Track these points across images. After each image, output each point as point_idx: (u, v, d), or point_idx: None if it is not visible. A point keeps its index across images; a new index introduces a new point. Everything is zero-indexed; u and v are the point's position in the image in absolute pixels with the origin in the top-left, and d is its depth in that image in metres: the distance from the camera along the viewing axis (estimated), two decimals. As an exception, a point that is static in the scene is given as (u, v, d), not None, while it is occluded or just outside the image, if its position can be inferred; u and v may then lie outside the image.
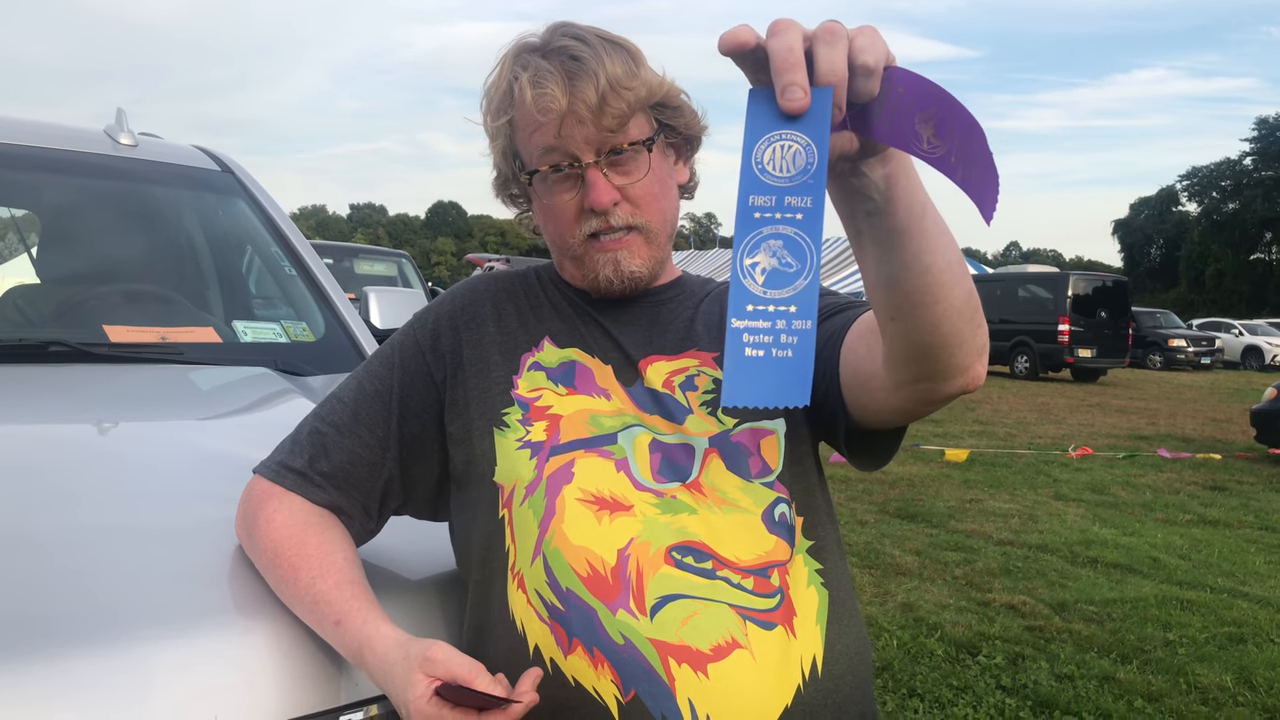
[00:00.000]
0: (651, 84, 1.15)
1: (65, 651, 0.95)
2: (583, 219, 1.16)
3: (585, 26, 1.16)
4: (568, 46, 1.12)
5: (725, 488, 1.12)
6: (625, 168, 1.15)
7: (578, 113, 1.10)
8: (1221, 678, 3.77)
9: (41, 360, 1.97)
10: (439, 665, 0.95)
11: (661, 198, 1.19)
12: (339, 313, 2.44)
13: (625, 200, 1.16)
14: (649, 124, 1.17)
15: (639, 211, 1.17)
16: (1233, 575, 5.32)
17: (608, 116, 1.11)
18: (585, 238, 1.17)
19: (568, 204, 1.17)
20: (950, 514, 6.51)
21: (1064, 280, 20.79)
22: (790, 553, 1.11)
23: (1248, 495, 7.75)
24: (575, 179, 1.15)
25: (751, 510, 1.11)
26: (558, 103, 1.09)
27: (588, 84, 1.10)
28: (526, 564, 1.09)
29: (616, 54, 1.13)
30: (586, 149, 1.13)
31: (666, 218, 1.21)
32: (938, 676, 3.69)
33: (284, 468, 1.19)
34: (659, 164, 1.19)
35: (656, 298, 1.25)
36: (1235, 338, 30.02)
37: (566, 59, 1.11)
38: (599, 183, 1.14)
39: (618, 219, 1.16)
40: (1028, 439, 10.66)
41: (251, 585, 1.12)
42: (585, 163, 1.13)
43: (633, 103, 1.12)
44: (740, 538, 1.09)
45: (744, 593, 1.06)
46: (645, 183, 1.17)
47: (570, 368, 1.20)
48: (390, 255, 13.78)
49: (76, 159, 2.44)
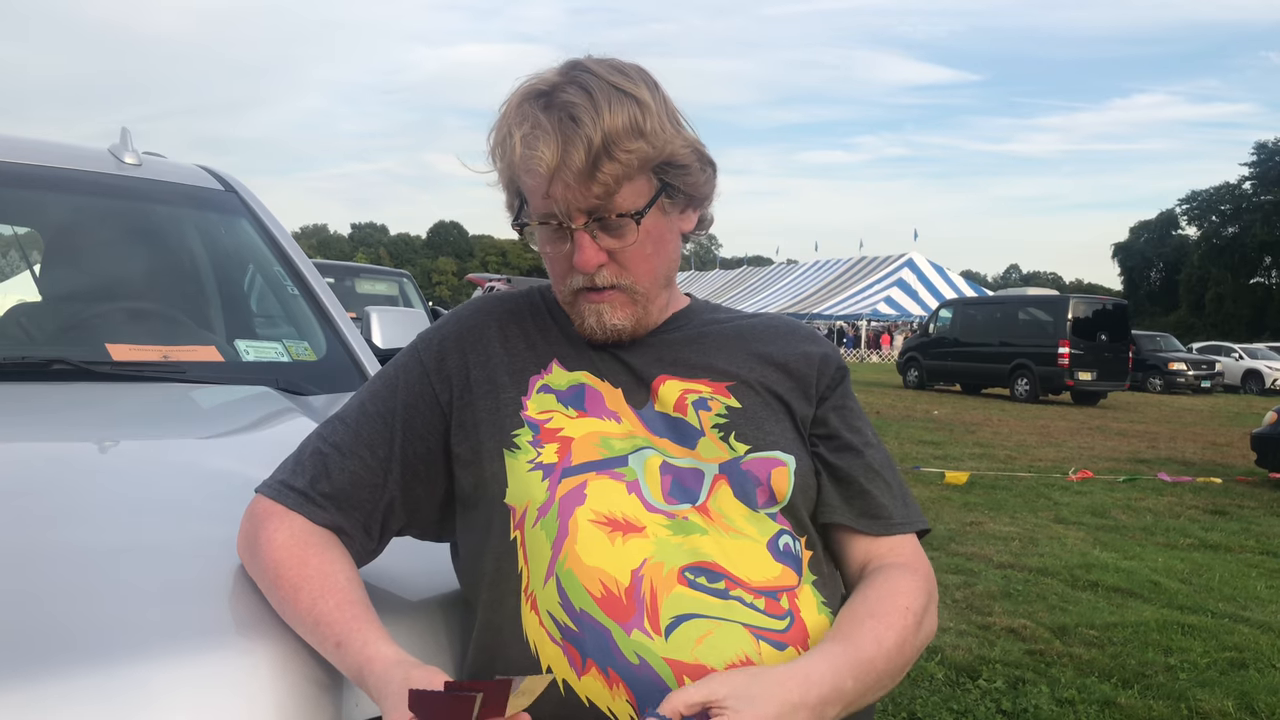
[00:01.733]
0: (658, 140, 1.12)
1: (64, 670, 0.94)
2: (572, 273, 1.17)
3: (600, 69, 1.13)
4: (570, 104, 1.09)
5: (731, 515, 1.12)
6: (615, 233, 1.15)
7: (564, 179, 1.09)
8: (1223, 703, 3.75)
9: (44, 378, 1.97)
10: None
11: (654, 257, 1.19)
12: (341, 332, 2.44)
13: (613, 262, 1.16)
14: (649, 184, 1.15)
15: (625, 273, 1.17)
16: (1234, 600, 5.30)
17: (597, 184, 1.09)
18: (573, 291, 1.19)
19: (558, 258, 1.18)
20: (950, 537, 6.50)
21: (1064, 303, 20.84)
22: (798, 580, 1.12)
23: (1249, 519, 7.73)
24: (566, 235, 1.15)
25: (756, 539, 1.12)
26: (545, 166, 1.08)
27: (578, 149, 1.07)
28: (539, 585, 1.09)
29: (623, 108, 1.09)
30: (575, 212, 1.12)
31: (658, 276, 1.21)
32: (938, 700, 3.67)
33: (286, 487, 1.18)
34: (655, 225, 1.17)
35: (664, 332, 1.26)
36: (1235, 361, 30.04)
37: (565, 118, 1.08)
38: (585, 247, 1.14)
39: (602, 279, 1.16)
40: (1028, 462, 10.64)
41: (253, 605, 1.12)
42: (573, 226, 1.13)
43: (629, 165, 1.10)
44: (749, 561, 1.10)
45: (757, 613, 1.07)
46: (635, 248, 1.16)
47: (580, 390, 1.20)
48: (391, 275, 13.81)
49: (81, 177, 2.45)
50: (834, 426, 1.24)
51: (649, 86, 1.15)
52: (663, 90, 1.17)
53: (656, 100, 1.14)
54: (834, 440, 1.24)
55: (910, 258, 49.76)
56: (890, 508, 1.22)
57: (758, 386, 1.22)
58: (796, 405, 1.23)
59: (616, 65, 1.15)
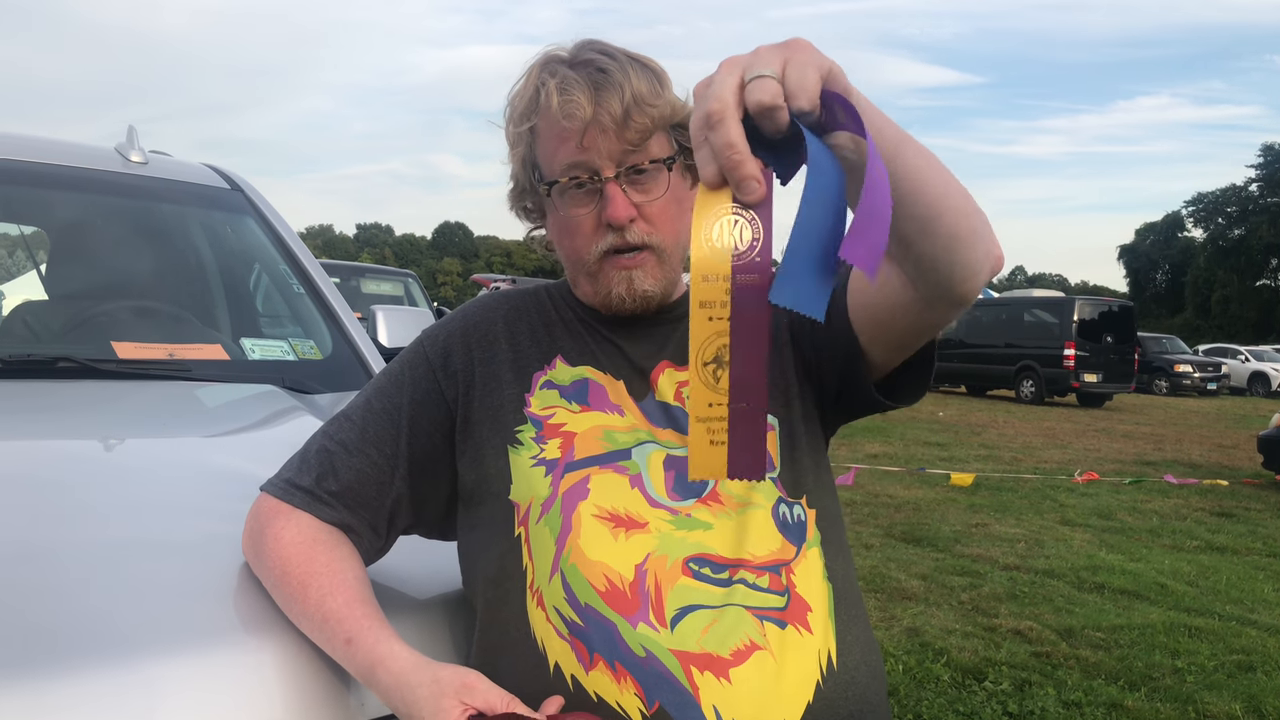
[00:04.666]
0: (675, 105, 1.16)
1: (71, 667, 0.94)
2: (599, 234, 1.17)
3: (613, 45, 1.17)
4: (595, 60, 1.13)
5: (739, 489, 1.13)
6: (644, 185, 1.16)
7: (601, 123, 1.11)
8: (1230, 706, 3.73)
9: (50, 376, 1.98)
10: (478, 695, 0.96)
11: (677, 219, 1.20)
12: (346, 331, 2.44)
13: (642, 218, 1.16)
14: (670, 144, 1.18)
15: (654, 230, 1.17)
16: (1241, 602, 5.28)
17: (631, 130, 1.12)
18: (600, 254, 1.17)
19: (584, 219, 1.17)
20: (956, 538, 6.48)
21: (1070, 305, 20.80)
22: (795, 552, 1.12)
23: (1255, 522, 7.70)
24: (594, 194, 1.16)
25: (763, 505, 1.12)
26: (583, 110, 1.10)
27: (613, 96, 1.11)
28: (545, 581, 1.08)
29: (643, 72, 1.14)
30: (608, 163, 1.13)
31: (680, 239, 1.21)
32: (944, 702, 3.66)
33: (292, 485, 1.18)
34: (678, 184, 1.19)
35: (669, 314, 1.25)
36: (1241, 363, 29.98)
37: (594, 71, 1.12)
38: (617, 197, 1.14)
39: (633, 235, 1.16)
40: (1034, 463, 10.62)
41: (258, 603, 1.12)
42: (605, 177, 1.14)
43: (656, 119, 1.13)
44: (755, 535, 1.10)
45: (760, 591, 1.07)
46: (663, 202, 1.17)
47: (583, 385, 1.20)
48: (397, 275, 13.85)
49: (87, 176, 2.45)
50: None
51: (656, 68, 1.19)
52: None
53: (665, 78, 1.18)
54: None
55: (915, 259, 49.66)
56: None
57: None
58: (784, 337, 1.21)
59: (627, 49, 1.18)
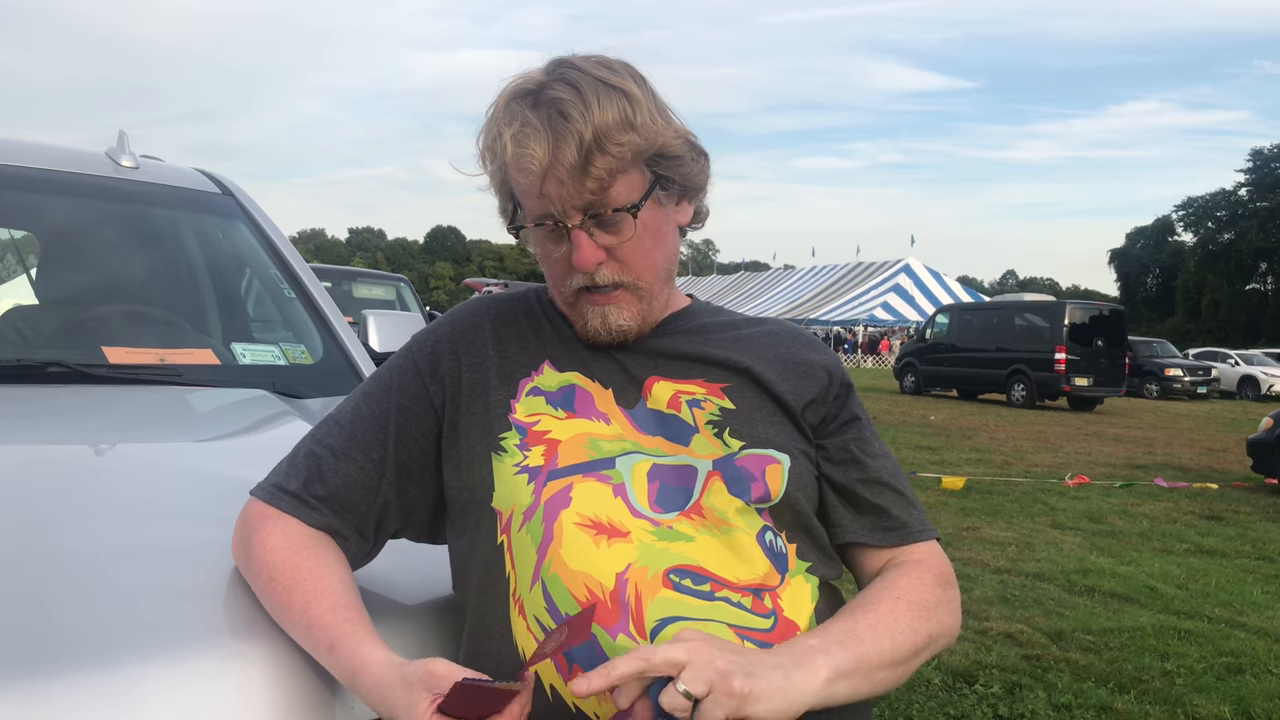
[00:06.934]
0: (649, 134, 1.10)
1: (60, 670, 0.94)
2: (571, 273, 1.16)
3: (587, 65, 1.12)
4: (558, 100, 1.08)
5: (725, 510, 1.11)
6: (613, 228, 1.14)
7: (558, 175, 1.08)
8: (1220, 708, 3.75)
9: (40, 381, 1.97)
10: (443, 680, 0.93)
11: (653, 251, 1.18)
12: (338, 336, 2.44)
13: (612, 259, 1.15)
14: (642, 177, 1.13)
15: (626, 270, 1.16)
16: (1230, 605, 5.30)
17: (590, 179, 1.08)
18: (574, 290, 1.17)
19: (556, 258, 1.17)
20: (947, 542, 6.44)
21: (1060, 309, 20.86)
22: (780, 579, 1.11)
23: (1244, 525, 7.73)
24: (562, 235, 1.14)
25: (747, 531, 1.11)
26: (537, 163, 1.07)
27: (570, 145, 1.06)
28: (526, 590, 1.08)
29: (611, 102, 1.08)
30: (572, 210, 1.11)
31: (659, 270, 1.20)
32: (934, 706, 3.67)
33: (280, 490, 1.18)
34: (651, 219, 1.16)
35: (664, 329, 1.25)
36: (1231, 368, 30.07)
37: (554, 115, 1.07)
38: (583, 244, 1.12)
39: (603, 278, 1.15)
40: (1024, 467, 10.65)
41: (247, 607, 1.12)
42: (571, 225, 1.12)
43: (622, 159, 1.09)
44: (738, 558, 1.09)
45: (743, 611, 1.06)
46: (633, 242, 1.15)
47: (570, 392, 1.19)
48: (389, 279, 13.82)
49: (77, 180, 2.45)
50: (843, 444, 1.22)
51: (636, 80, 1.13)
52: (650, 84, 1.16)
53: (644, 93, 1.13)
54: (844, 458, 1.22)
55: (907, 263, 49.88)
56: (904, 518, 1.21)
57: (754, 389, 1.20)
58: (796, 409, 1.20)
59: (602, 61, 1.14)
